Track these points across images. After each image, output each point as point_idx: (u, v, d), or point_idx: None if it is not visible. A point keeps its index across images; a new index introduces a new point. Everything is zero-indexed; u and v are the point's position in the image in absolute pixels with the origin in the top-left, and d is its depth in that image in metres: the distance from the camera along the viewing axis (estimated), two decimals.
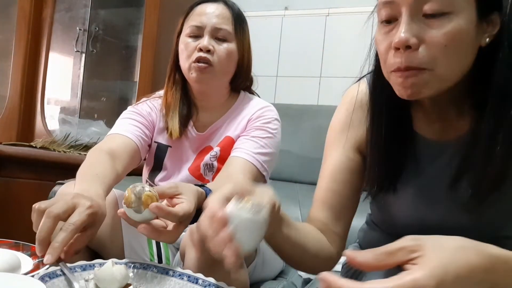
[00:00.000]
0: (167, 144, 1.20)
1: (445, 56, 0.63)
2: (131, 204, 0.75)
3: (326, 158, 0.87)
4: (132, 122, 1.15)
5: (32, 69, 2.22)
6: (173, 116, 1.17)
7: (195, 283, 0.78)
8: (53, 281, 0.71)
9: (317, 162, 1.78)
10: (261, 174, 1.10)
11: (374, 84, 0.78)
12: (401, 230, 0.82)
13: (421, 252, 0.46)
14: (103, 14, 2.33)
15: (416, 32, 0.63)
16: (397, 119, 0.76)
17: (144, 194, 0.74)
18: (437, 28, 0.62)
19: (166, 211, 0.75)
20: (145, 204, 0.74)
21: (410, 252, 0.47)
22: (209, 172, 1.16)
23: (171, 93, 1.19)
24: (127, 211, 0.76)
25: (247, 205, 0.52)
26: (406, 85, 0.65)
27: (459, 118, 0.73)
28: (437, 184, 0.75)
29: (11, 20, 2.22)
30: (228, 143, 1.16)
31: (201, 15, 1.14)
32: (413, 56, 0.63)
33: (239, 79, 1.20)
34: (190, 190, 0.82)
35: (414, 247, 0.47)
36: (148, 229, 0.75)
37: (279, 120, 1.19)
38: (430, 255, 0.45)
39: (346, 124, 0.84)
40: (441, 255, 0.45)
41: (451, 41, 0.62)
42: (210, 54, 1.11)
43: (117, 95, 2.49)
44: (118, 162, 1.01)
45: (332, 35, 2.12)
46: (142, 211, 0.75)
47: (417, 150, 0.77)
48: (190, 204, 0.79)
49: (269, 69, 2.21)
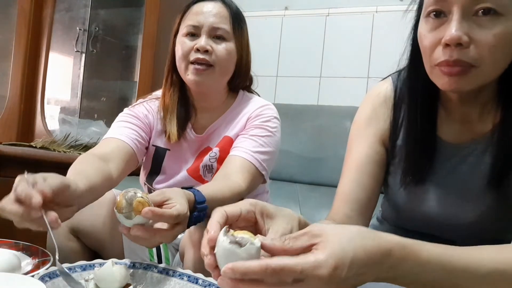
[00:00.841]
0: (165, 147, 1.17)
1: (492, 55, 0.66)
2: (122, 209, 0.74)
3: (351, 152, 0.88)
4: (127, 125, 1.12)
5: (32, 69, 2.22)
6: (171, 119, 1.14)
7: (195, 283, 0.78)
8: (53, 281, 0.71)
9: (317, 162, 1.80)
10: (260, 173, 1.09)
11: (411, 76, 0.81)
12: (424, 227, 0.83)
13: (323, 238, 0.50)
14: (103, 14, 2.33)
15: (467, 30, 0.65)
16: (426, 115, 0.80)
17: (135, 200, 0.74)
18: (488, 28, 0.65)
19: (160, 213, 0.74)
20: (136, 210, 0.73)
21: (313, 237, 0.50)
22: (209, 173, 1.14)
23: (169, 94, 1.16)
24: (118, 216, 0.76)
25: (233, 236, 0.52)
26: (452, 79, 0.68)
27: (480, 119, 0.77)
28: (471, 182, 0.78)
29: (11, 20, 2.22)
30: (227, 143, 1.14)
31: (198, 14, 1.11)
32: (463, 52, 0.66)
33: (237, 79, 1.18)
34: (178, 193, 0.82)
35: (318, 232, 0.50)
36: (142, 230, 0.75)
37: (278, 119, 1.17)
38: (331, 238, 0.49)
39: (371, 118, 0.87)
40: (339, 239, 0.49)
41: (499, 42, 0.65)
42: (208, 54, 1.08)
43: (117, 95, 2.49)
44: (112, 166, 0.98)
45: (332, 35, 2.12)
46: (133, 217, 0.74)
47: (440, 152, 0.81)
48: (182, 206, 0.79)
49: (269, 69, 2.20)
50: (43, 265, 0.78)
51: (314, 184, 1.78)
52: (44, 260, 0.82)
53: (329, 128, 1.82)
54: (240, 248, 0.50)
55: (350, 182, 0.85)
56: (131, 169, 1.10)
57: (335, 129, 1.80)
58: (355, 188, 0.84)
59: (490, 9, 0.65)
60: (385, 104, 0.86)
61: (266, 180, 1.13)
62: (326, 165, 1.77)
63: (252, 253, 0.50)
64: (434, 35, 0.69)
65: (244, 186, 1.01)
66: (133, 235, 0.75)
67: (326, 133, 1.81)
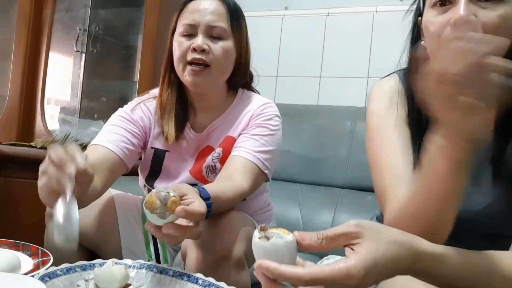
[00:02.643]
0: (164, 149, 1.15)
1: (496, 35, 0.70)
2: (156, 209, 0.74)
3: (382, 140, 0.84)
4: (117, 130, 1.08)
5: (32, 69, 2.22)
6: (168, 119, 1.12)
7: (195, 283, 0.78)
8: (53, 281, 0.71)
9: (317, 162, 1.80)
10: (263, 173, 1.07)
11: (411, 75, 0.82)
12: None
13: (360, 240, 0.52)
14: (103, 14, 2.33)
15: (473, 11, 0.70)
16: None
17: (169, 200, 0.75)
18: (492, 10, 0.70)
19: (191, 211, 0.75)
20: (170, 209, 0.74)
21: (350, 239, 0.52)
22: (212, 174, 1.12)
23: (166, 94, 1.13)
24: (149, 217, 0.76)
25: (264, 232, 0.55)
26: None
27: None
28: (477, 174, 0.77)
29: (11, 20, 2.22)
30: (230, 143, 1.12)
31: (194, 12, 1.07)
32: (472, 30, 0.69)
33: (237, 77, 1.15)
34: (191, 190, 0.83)
35: (355, 235, 0.52)
36: (174, 228, 0.76)
37: (279, 117, 1.15)
38: (367, 244, 0.51)
39: (391, 106, 0.86)
40: (375, 248, 0.51)
41: (503, 23, 0.69)
42: (205, 54, 1.05)
43: (117, 95, 2.49)
44: (97, 179, 0.93)
45: (332, 35, 2.12)
46: (167, 216, 0.75)
47: None
48: (202, 202, 0.79)
49: (269, 69, 2.20)
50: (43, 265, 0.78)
51: (314, 184, 1.77)
52: (44, 260, 0.82)
53: (329, 128, 1.81)
54: (266, 242, 0.52)
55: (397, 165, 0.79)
56: (118, 177, 1.07)
57: (335, 129, 1.80)
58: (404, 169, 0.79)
59: None
60: (398, 95, 0.86)
61: (269, 179, 1.12)
62: (326, 165, 1.77)
63: (279, 245, 0.52)
64: (442, 18, 0.72)
65: (247, 187, 1.01)
66: (165, 233, 0.76)
67: (326, 133, 1.81)
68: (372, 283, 0.51)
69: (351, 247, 0.52)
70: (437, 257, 0.55)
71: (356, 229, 0.53)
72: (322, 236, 0.53)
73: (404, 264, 0.53)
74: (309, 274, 0.49)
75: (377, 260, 0.51)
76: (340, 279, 0.49)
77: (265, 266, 0.51)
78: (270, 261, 0.51)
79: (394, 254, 0.52)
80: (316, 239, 0.53)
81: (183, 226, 0.77)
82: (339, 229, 0.53)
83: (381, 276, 0.52)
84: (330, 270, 0.49)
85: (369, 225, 0.54)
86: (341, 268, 0.49)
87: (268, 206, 1.27)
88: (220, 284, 0.77)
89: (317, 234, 0.53)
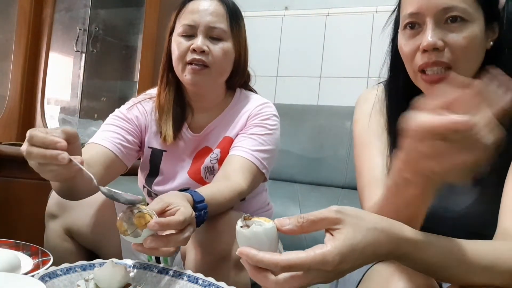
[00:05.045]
0: (161, 149, 1.14)
1: (465, 55, 0.75)
2: (126, 231, 0.74)
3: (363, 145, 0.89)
4: (113, 128, 1.09)
5: (32, 69, 2.22)
6: (166, 119, 1.11)
7: (195, 283, 0.78)
8: (53, 281, 0.71)
9: (317, 162, 1.80)
10: (261, 172, 1.07)
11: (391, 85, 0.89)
12: None
13: (340, 226, 0.53)
14: (103, 14, 2.33)
15: (440, 36, 0.74)
16: None
17: (134, 217, 0.74)
18: (458, 32, 0.74)
19: (166, 222, 0.74)
20: (140, 225, 0.73)
21: (331, 223, 0.54)
22: (210, 175, 1.12)
23: (164, 94, 1.12)
24: (126, 239, 0.76)
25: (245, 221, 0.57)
26: (433, 79, 0.76)
27: None
28: None
29: (11, 20, 2.22)
30: (228, 144, 1.12)
31: (194, 12, 1.07)
32: (440, 55, 0.75)
33: (235, 77, 1.15)
34: (177, 196, 0.82)
35: (336, 220, 0.54)
36: (155, 240, 0.75)
37: (277, 116, 1.15)
38: (346, 231, 0.53)
39: (374, 113, 0.90)
40: (353, 234, 0.52)
41: (469, 43, 0.74)
42: (205, 55, 1.05)
43: (117, 95, 2.49)
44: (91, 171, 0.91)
45: (332, 35, 2.12)
46: (140, 233, 0.74)
47: None
48: (186, 208, 0.79)
49: (269, 69, 2.20)
50: (43, 265, 0.78)
51: (314, 184, 1.77)
52: (44, 260, 0.82)
53: (329, 128, 1.81)
54: (247, 229, 0.55)
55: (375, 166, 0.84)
56: (117, 173, 1.07)
57: (335, 129, 1.80)
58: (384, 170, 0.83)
59: (457, 17, 0.74)
60: (380, 103, 0.91)
61: (266, 178, 1.12)
62: (326, 165, 1.77)
63: (258, 232, 0.54)
64: (413, 43, 0.77)
65: (245, 186, 1.01)
66: (148, 248, 0.74)
67: (326, 133, 1.81)
68: (350, 268, 0.53)
69: (331, 232, 0.53)
70: (419, 244, 0.56)
71: (337, 215, 0.54)
72: (302, 220, 0.54)
73: (384, 249, 0.54)
74: (285, 260, 0.51)
75: (354, 247, 0.52)
76: (315, 265, 0.50)
77: (245, 253, 0.53)
78: (250, 248, 0.53)
79: (373, 240, 0.53)
80: (296, 222, 0.54)
81: (164, 236, 0.76)
82: (321, 213, 0.54)
83: (359, 261, 0.53)
84: (305, 256, 0.51)
85: (351, 211, 0.55)
86: (317, 254, 0.51)
87: (267, 205, 1.27)
88: (220, 284, 0.77)
89: (298, 218, 0.55)
